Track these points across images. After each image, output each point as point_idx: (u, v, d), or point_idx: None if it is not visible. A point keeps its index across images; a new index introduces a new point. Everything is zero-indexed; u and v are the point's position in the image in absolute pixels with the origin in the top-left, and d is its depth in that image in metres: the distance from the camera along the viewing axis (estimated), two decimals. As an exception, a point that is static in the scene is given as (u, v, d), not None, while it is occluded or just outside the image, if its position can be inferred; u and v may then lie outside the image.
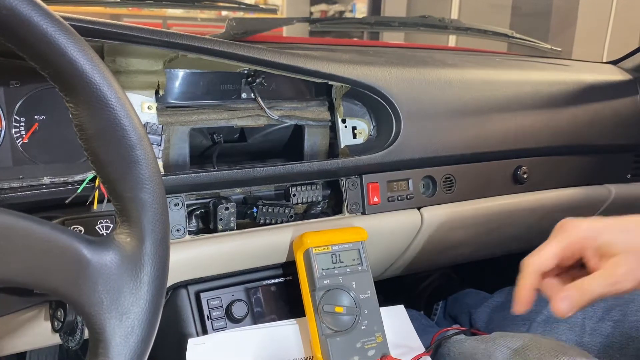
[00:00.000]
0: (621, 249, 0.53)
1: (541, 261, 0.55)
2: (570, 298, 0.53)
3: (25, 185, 0.58)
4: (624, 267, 0.52)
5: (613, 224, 0.54)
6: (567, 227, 0.56)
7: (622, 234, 0.53)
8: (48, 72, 0.39)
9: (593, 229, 0.54)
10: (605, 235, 0.54)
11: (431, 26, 1.17)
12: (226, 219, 0.73)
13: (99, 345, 0.40)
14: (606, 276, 0.53)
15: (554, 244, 0.55)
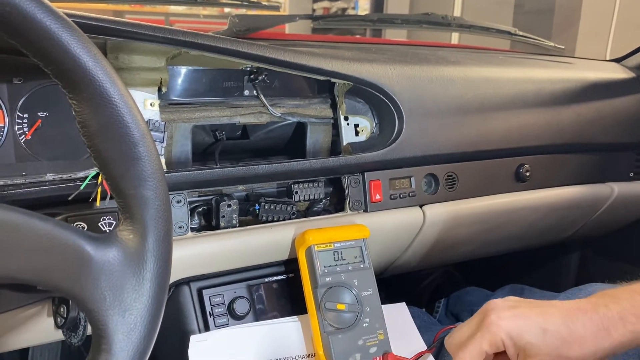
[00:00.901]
0: (538, 352, 0.54)
1: (469, 358, 0.57)
2: None
3: (28, 182, 0.58)
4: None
5: (534, 325, 0.55)
6: (490, 323, 0.56)
7: (541, 337, 0.54)
8: (51, 69, 0.39)
9: (515, 329, 0.55)
10: (525, 337, 0.54)
11: (434, 23, 1.17)
12: (228, 216, 0.73)
13: (101, 341, 0.41)
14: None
15: (478, 342, 0.56)
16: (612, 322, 0.54)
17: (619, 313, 0.54)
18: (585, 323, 0.54)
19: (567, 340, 0.53)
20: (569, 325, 0.54)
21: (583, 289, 0.98)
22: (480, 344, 0.56)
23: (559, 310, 0.56)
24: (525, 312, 0.56)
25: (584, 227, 1.16)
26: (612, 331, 0.53)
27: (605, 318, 0.54)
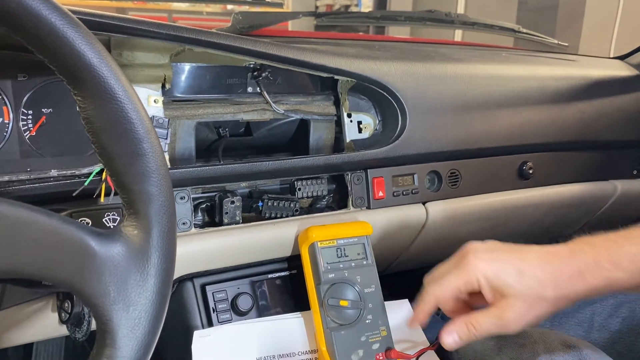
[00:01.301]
0: (513, 293, 0.55)
1: (442, 293, 0.60)
2: (458, 333, 0.58)
3: (32, 178, 0.59)
4: (513, 311, 0.55)
5: (511, 267, 0.56)
6: (467, 263, 0.58)
7: (517, 278, 0.56)
8: (56, 65, 0.39)
9: (491, 270, 0.57)
10: (502, 277, 0.56)
11: (437, 21, 1.17)
12: (232, 212, 0.73)
13: (106, 336, 0.41)
14: (496, 317, 0.56)
15: (454, 279, 0.59)
16: (587, 267, 0.55)
17: (595, 259, 0.55)
18: (561, 266, 0.56)
19: (543, 282, 0.55)
20: (545, 268, 0.56)
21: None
22: (456, 281, 0.59)
23: (536, 254, 0.58)
24: (503, 254, 0.58)
25: (587, 224, 1.15)
26: (586, 275, 0.55)
27: (582, 263, 0.55)
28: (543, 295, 0.55)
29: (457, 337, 0.58)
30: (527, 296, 0.55)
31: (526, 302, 0.55)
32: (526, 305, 0.55)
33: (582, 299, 0.56)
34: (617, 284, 0.55)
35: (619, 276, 0.55)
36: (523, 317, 0.55)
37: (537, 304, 0.55)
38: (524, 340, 0.72)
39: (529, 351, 0.70)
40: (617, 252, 0.56)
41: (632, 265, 0.55)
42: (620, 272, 0.55)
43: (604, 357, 0.69)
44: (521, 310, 0.55)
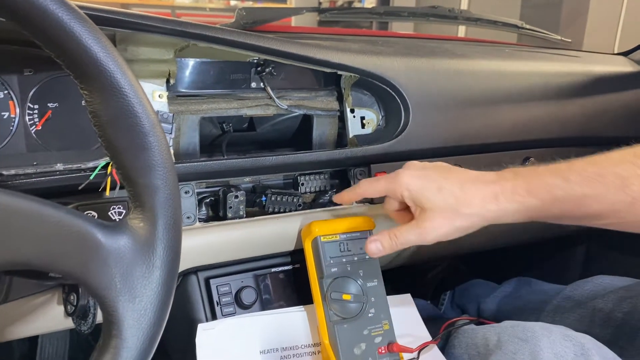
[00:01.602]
0: (431, 207, 0.63)
1: (369, 192, 0.70)
2: (382, 242, 0.65)
3: (39, 172, 0.59)
4: (430, 222, 0.62)
5: (433, 184, 0.64)
6: (398, 175, 0.66)
7: (436, 193, 0.63)
8: (63, 59, 0.40)
9: (415, 185, 0.64)
10: (423, 192, 0.64)
11: (441, 16, 1.17)
12: (235, 207, 0.74)
13: (112, 327, 0.41)
14: (415, 227, 0.63)
15: (382, 184, 0.68)
16: (503, 191, 0.61)
17: (512, 185, 0.61)
18: (479, 188, 0.62)
19: (459, 198, 0.62)
20: (463, 188, 0.62)
21: (590, 281, 0.99)
22: (384, 186, 0.67)
23: (461, 175, 0.65)
24: (430, 173, 0.65)
25: (589, 220, 1.15)
26: (500, 198, 0.61)
27: (499, 187, 0.61)
28: (458, 210, 0.61)
29: (380, 245, 0.65)
30: (443, 210, 0.62)
31: (442, 215, 0.62)
32: (442, 218, 0.62)
33: (496, 220, 0.62)
34: (531, 211, 0.60)
35: (532, 202, 0.60)
36: (439, 228, 0.62)
37: (453, 217, 0.61)
38: (526, 335, 0.73)
39: (531, 345, 0.71)
40: (536, 181, 0.60)
41: (547, 194, 0.59)
42: (533, 199, 0.60)
43: (607, 351, 0.70)
44: (438, 222, 0.62)
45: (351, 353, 0.70)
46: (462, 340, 0.83)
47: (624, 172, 0.57)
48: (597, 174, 0.58)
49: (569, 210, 0.60)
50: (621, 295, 0.89)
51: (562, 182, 0.59)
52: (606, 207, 0.58)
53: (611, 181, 0.57)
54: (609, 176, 0.57)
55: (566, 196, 0.59)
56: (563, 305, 0.97)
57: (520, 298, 1.11)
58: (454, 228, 0.62)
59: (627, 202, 0.57)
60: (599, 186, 0.58)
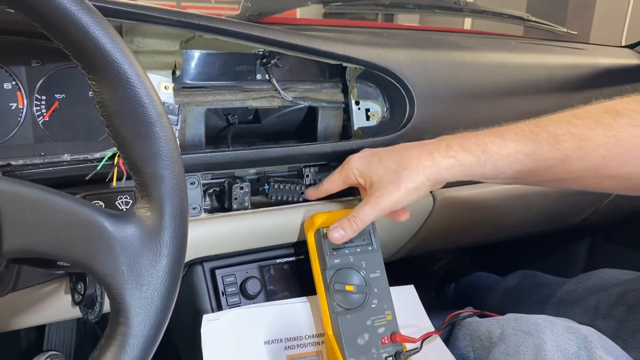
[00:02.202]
0: (375, 177, 0.66)
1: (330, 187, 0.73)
2: (343, 227, 0.67)
3: (46, 162, 0.60)
4: (380, 191, 0.64)
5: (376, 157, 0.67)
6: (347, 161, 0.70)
7: (379, 163, 0.66)
8: (71, 50, 0.40)
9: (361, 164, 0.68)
10: (368, 166, 0.67)
11: (446, 8, 1.17)
12: (241, 198, 0.74)
13: (119, 314, 0.42)
14: (369, 200, 0.65)
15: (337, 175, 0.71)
16: (437, 149, 0.64)
17: (448, 143, 0.64)
18: (416, 149, 0.65)
19: (399, 162, 0.64)
20: (402, 153, 0.65)
21: (594, 274, 0.99)
22: (338, 176, 0.71)
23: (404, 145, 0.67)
24: (376, 151, 0.69)
25: (594, 213, 1.16)
26: (434, 154, 0.63)
27: (435, 147, 0.64)
28: (398, 172, 0.64)
29: (342, 230, 0.67)
30: (386, 176, 0.64)
31: (387, 181, 0.64)
32: (388, 183, 0.64)
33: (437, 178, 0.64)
34: (465, 167, 0.62)
35: (465, 158, 0.62)
36: (389, 194, 0.64)
37: (397, 180, 0.63)
38: (529, 328, 0.73)
39: (535, 338, 0.71)
40: (470, 138, 0.63)
41: (478, 148, 0.61)
42: (466, 154, 0.62)
43: (610, 343, 0.70)
44: (386, 189, 0.64)
45: (354, 343, 0.70)
46: (465, 333, 0.83)
47: (557, 130, 0.58)
48: (531, 131, 0.59)
49: (504, 166, 0.61)
50: (625, 288, 0.89)
51: (497, 138, 0.61)
52: (539, 163, 0.59)
53: (544, 138, 0.58)
54: (542, 133, 0.59)
55: (500, 152, 0.60)
56: (567, 298, 0.98)
57: (524, 291, 1.11)
58: (403, 190, 0.63)
59: (560, 159, 0.58)
60: (531, 143, 0.59)
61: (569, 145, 0.57)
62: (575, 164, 0.58)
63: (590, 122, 0.58)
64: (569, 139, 0.57)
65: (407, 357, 0.72)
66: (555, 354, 0.67)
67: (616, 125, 0.56)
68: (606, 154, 0.56)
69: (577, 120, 0.58)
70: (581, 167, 0.58)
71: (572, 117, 0.59)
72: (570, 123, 0.58)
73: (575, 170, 0.58)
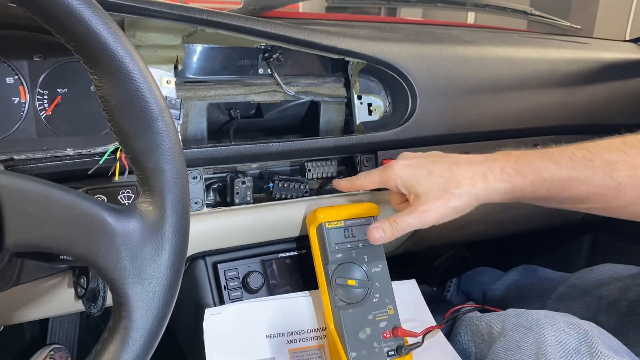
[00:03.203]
0: (422, 190, 0.65)
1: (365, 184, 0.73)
2: (383, 229, 0.66)
3: (49, 157, 0.60)
4: (427, 205, 0.64)
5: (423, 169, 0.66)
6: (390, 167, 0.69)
7: (427, 177, 0.65)
8: (73, 44, 0.40)
9: (406, 174, 0.67)
10: (414, 178, 0.66)
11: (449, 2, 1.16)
12: (243, 192, 0.74)
13: (122, 308, 0.42)
14: (413, 212, 0.65)
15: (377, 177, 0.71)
16: (491, 170, 0.63)
17: (501, 166, 0.63)
18: (467, 168, 0.64)
19: (448, 179, 0.64)
20: (452, 169, 0.64)
21: (596, 269, 0.99)
22: (378, 179, 0.70)
23: (451, 159, 0.67)
24: (421, 161, 0.68)
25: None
26: (488, 176, 0.63)
27: (488, 167, 0.64)
28: (448, 190, 0.63)
29: (382, 231, 0.66)
30: (435, 192, 0.64)
31: (435, 197, 0.64)
32: (436, 199, 0.64)
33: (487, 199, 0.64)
34: (518, 191, 0.62)
35: (519, 182, 0.62)
36: (435, 210, 0.64)
37: (446, 198, 0.63)
38: (530, 323, 0.73)
39: (536, 333, 0.71)
40: (524, 162, 0.62)
41: (533, 174, 0.61)
42: (520, 179, 0.62)
43: (611, 338, 0.70)
44: (433, 204, 0.64)
45: (356, 337, 0.71)
46: (466, 327, 0.83)
47: (611, 158, 0.58)
48: (585, 158, 0.59)
49: (556, 192, 0.61)
50: (627, 284, 0.89)
51: (551, 164, 0.61)
52: (592, 190, 0.59)
53: (598, 165, 0.58)
54: (597, 160, 0.59)
55: (554, 177, 0.60)
56: (568, 293, 0.98)
57: (526, 286, 1.11)
58: (449, 208, 0.63)
59: (613, 187, 0.58)
60: (586, 170, 0.59)
61: (623, 174, 0.57)
62: (628, 193, 0.58)
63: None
64: (623, 167, 0.57)
65: (409, 351, 0.73)
66: (556, 349, 0.67)
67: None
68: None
69: (630, 149, 0.58)
70: (633, 196, 0.58)
71: (624, 145, 0.59)
72: (623, 151, 0.58)
73: (627, 198, 0.58)
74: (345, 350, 0.69)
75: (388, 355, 0.72)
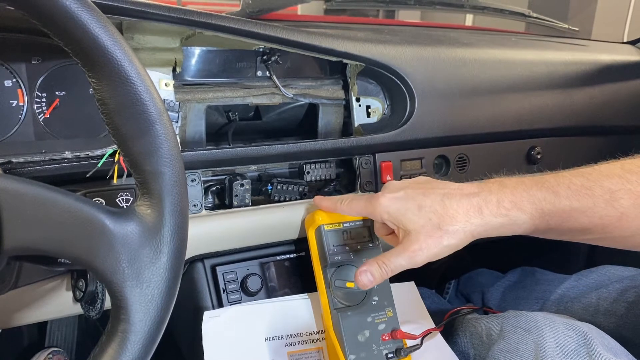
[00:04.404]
0: (414, 227, 0.59)
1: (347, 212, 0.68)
2: (372, 272, 0.62)
3: (47, 159, 0.60)
4: (418, 243, 0.59)
5: (413, 203, 0.61)
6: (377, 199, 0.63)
7: (417, 212, 0.60)
8: (71, 47, 0.40)
9: (394, 209, 0.62)
10: (403, 213, 0.61)
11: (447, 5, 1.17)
12: (241, 195, 0.74)
13: (120, 311, 0.42)
14: (403, 251, 0.60)
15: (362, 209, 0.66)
16: (487, 204, 0.58)
17: (497, 198, 0.58)
18: (461, 201, 0.59)
19: (441, 214, 0.58)
20: (445, 203, 0.59)
21: (595, 270, 0.99)
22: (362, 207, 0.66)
23: (442, 190, 0.61)
24: (409, 192, 0.62)
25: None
26: (484, 210, 0.58)
27: (483, 200, 0.58)
28: (441, 227, 0.58)
29: (371, 276, 0.62)
30: (426, 229, 0.58)
31: (427, 234, 0.58)
32: (427, 237, 0.58)
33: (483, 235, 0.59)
34: (517, 225, 0.58)
35: (517, 215, 0.57)
36: (427, 249, 0.58)
37: (439, 236, 0.58)
38: (529, 325, 0.73)
39: (534, 335, 0.71)
40: (522, 193, 0.58)
41: (532, 206, 0.57)
42: (518, 212, 0.57)
43: (610, 340, 0.70)
44: (424, 243, 0.58)
45: (355, 340, 0.70)
46: (465, 329, 0.83)
47: (612, 186, 0.55)
48: (585, 187, 0.56)
49: (556, 224, 0.58)
50: (626, 285, 0.89)
51: (550, 195, 0.57)
52: (594, 221, 0.56)
53: (599, 195, 0.55)
54: (597, 189, 0.56)
55: (554, 210, 0.57)
56: (567, 294, 0.98)
57: (525, 287, 1.11)
58: (443, 247, 0.58)
59: (616, 217, 0.55)
60: (587, 200, 0.56)
61: (625, 203, 0.55)
62: (632, 223, 0.55)
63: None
64: (625, 196, 0.55)
65: (408, 353, 0.73)
66: (554, 351, 0.67)
67: None
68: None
69: (630, 176, 0.55)
70: (637, 225, 0.55)
71: (623, 171, 0.56)
72: (624, 178, 0.55)
73: (630, 228, 0.56)
74: (344, 353, 0.69)
75: (387, 357, 0.71)
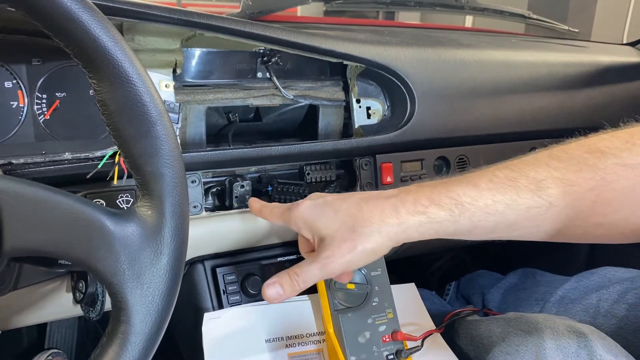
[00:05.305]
0: (327, 232, 0.54)
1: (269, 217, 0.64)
2: (281, 284, 0.55)
3: (47, 161, 0.60)
4: (331, 250, 0.53)
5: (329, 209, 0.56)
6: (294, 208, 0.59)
7: (332, 216, 0.55)
8: (72, 49, 0.40)
9: (310, 215, 0.57)
10: (318, 219, 0.56)
11: (447, 6, 1.16)
12: (242, 196, 0.74)
13: (121, 312, 0.42)
14: (316, 259, 0.54)
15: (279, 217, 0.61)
16: (403, 203, 0.53)
17: (415, 197, 0.54)
18: (378, 203, 0.54)
19: (357, 216, 0.54)
20: (361, 206, 0.55)
21: (595, 272, 0.99)
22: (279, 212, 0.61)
23: (360, 195, 0.57)
24: (328, 200, 0.58)
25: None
26: (400, 210, 0.53)
27: (400, 200, 0.54)
28: (356, 230, 0.53)
29: (280, 289, 0.55)
30: (340, 233, 0.54)
31: (341, 238, 0.53)
32: (342, 241, 0.53)
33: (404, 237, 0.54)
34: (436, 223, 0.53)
35: (435, 212, 0.52)
36: (341, 255, 0.53)
37: (353, 239, 0.53)
38: (529, 327, 0.73)
39: (535, 337, 0.71)
40: (440, 189, 0.53)
41: (450, 201, 0.52)
42: (437, 209, 0.52)
43: (610, 342, 0.70)
44: (338, 249, 0.53)
45: (355, 341, 0.70)
46: (466, 331, 0.83)
47: (538, 175, 0.51)
48: (508, 178, 0.52)
49: (480, 220, 0.52)
50: (626, 287, 0.89)
51: (470, 189, 0.52)
52: (520, 214, 0.51)
53: (524, 185, 0.51)
54: (521, 179, 0.51)
55: (475, 204, 0.52)
56: (568, 296, 0.97)
57: (525, 289, 1.11)
58: (358, 252, 0.53)
59: (544, 208, 0.51)
60: (510, 191, 0.51)
61: (553, 192, 0.50)
62: (562, 213, 0.51)
63: (573, 164, 0.51)
64: (552, 185, 0.50)
65: (408, 355, 0.72)
66: (555, 353, 0.67)
67: (603, 167, 0.50)
68: (596, 199, 0.50)
69: (557, 163, 0.51)
70: (568, 215, 0.51)
71: (550, 158, 0.52)
72: (550, 166, 0.51)
73: (561, 219, 0.51)
74: (344, 354, 0.69)
75: (387, 359, 0.71)
